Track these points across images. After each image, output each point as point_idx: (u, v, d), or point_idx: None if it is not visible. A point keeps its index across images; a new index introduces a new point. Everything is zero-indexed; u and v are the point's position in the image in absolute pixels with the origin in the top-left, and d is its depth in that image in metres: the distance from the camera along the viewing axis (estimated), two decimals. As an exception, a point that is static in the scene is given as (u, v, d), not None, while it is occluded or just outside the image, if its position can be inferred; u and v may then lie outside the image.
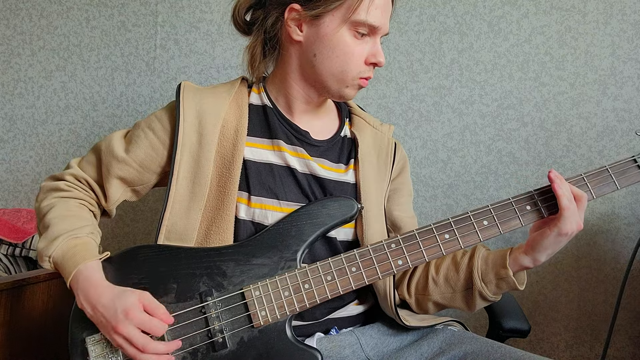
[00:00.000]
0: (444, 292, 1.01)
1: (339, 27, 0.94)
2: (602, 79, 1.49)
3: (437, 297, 1.01)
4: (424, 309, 1.05)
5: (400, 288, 1.07)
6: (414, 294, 1.05)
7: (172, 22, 1.69)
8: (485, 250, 0.99)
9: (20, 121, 1.78)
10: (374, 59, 0.97)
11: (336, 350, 0.97)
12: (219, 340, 0.86)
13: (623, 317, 1.49)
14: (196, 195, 0.96)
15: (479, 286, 0.96)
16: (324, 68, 0.96)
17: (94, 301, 0.84)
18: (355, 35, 0.95)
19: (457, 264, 1.00)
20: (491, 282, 0.95)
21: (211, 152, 0.97)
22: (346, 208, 0.94)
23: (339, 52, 0.95)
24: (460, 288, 0.99)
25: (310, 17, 0.95)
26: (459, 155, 1.58)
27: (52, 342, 1.19)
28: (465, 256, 1.00)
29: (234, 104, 1.02)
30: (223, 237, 0.94)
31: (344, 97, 1.01)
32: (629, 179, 0.94)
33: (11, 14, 1.77)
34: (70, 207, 0.97)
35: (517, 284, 0.94)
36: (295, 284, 0.89)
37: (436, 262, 1.03)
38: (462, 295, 0.99)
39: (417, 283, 1.04)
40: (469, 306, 1.00)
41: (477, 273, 0.96)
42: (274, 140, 1.00)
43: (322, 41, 0.95)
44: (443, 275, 1.00)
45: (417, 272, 1.05)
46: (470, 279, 0.97)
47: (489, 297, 0.96)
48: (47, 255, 0.89)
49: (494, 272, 0.95)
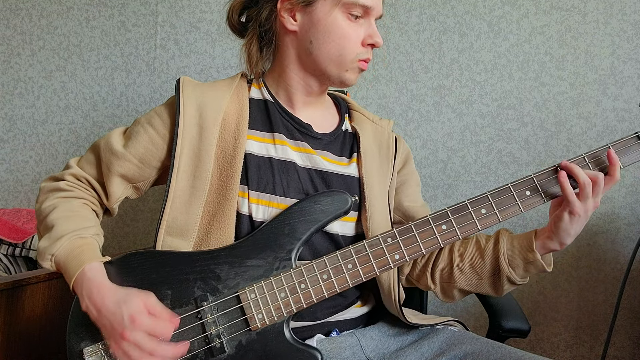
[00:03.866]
0: (470, 279, 1.00)
1: (332, 11, 0.94)
2: (602, 79, 1.49)
3: (463, 285, 1.01)
4: (450, 297, 1.05)
5: (424, 278, 1.06)
6: (439, 282, 1.04)
7: (172, 22, 1.69)
8: (509, 235, 0.99)
9: (20, 121, 1.78)
10: (371, 40, 0.97)
11: (336, 351, 0.96)
12: (217, 346, 0.85)
13: (623, 317, 1.49)
14: (197, 189, 0.95)
15: (507, 271, 0.95)
16: (321, 54, 0.96)
17: (99, 304, 0.83)
18: (349, 17, 0.95)
19: (482, 250, 0.99)
20: (519, 267, 0.95)
21: (212, 146, 0.96)
22: (339, 203, 0.92)
23: (335, 36, 0.95)
24: (487, 274, 0.99)
25: (302, 4, 0.95)
26: (459, 155, 1.58)
27: (52, 342, 1.18)
28: (490, 241, 0.99)
29: (235, 97, 1.01)
30: (225, 232, 0.93)
31: (345, 82, 1.00)
32: (632, 157, 0.90)
33: (11, 14, 1.77)
34: (74, 207, 0.95)
35: (545, 266, 0.94)
36: (291, 285, 0.88)
37: (460, 249, 1.02)
38: (489, 281, 0.99)
39: (441, 271, 1.04)
40: (497, 291, 1.00)
41: (504, 258, 0.96)
42: (275, 134, 1.00)
43: (316, 27, 0.95)
44: (468, 263, 1.00)
45: (440, 261, 1.04)
46: (497, 265, 0.97)
47: (517, 281, 0.96)
48: (50, 253, 0.88)
49: (521, 256, 0.95)
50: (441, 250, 1.05)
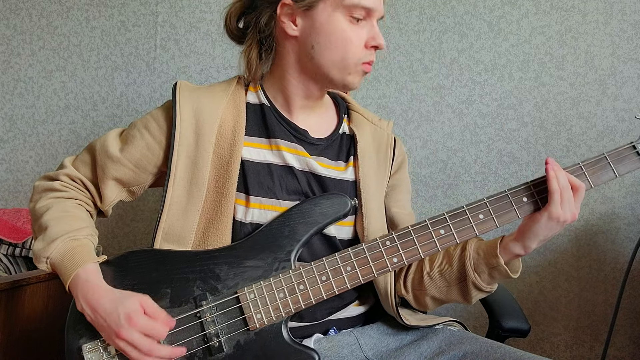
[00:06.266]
0: (440, 285, 0.99)
1: (334, 14, 0.93)
2: (602, 79, 1.49)
3: (433, 292, 1.00)
4: (423, 305, 1.04)
5: (397, 285, 1.06)
6: (411, 290, 1.04)
7: (172, 22, 1.69)
8: (478, 241, 0.98)
9: (20, 121, 1.78)
10: (374, 42, 0.96)
11: (334, 350, 0.96)
12: (215, 345, 0.86)
13: (623, 317, 1.49)
14: (193, 196, 0.95)
15: (472, 277, 0.94)
16: (324, 58, 0.95)
17: (95, 304, 0.83)
18: (351, 20, 0.93)
19: (450, 257, 0.98)
20: (484, 272, 0.94)
21: (208, 153, 0.96)
22: (339, 205, 0.93)
23: (337, 40, 0.93)
24: (455, 280, 0.98)
25: (303, 9, 0.94)
26: (459, 155, 1.58)
27: (52, 342, 1.19)
28: (458, 248, 0.98)
29: (231, 103, 1.01)
30: (221, 238, 0.93)
31: (348, 85, 0.99)
32: (627, 166, 0.91)
33: (11, 14, 1.78)
34: (67, 207, 0.95)
35: (509, 272, 0.92)
36: (290, 285, 0.88)
37: (430, 256, 1.02)
38: (457, 288, 0.98)
39: (412, 279, 1.03)
40: (466, 298, 0.99)
41: (469, 264, 0.95)
42: (272, 139, 0.99)
43: (318, 31, 0.94)
44: (437, 269, 0.99)
45: (412, 268, 1.04)
46: (463, 271, 0.96)
47: (483, 287, 0.95)
48: (44, 256, 0.88)
49: (485, 261, 0.94)
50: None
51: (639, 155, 0.91)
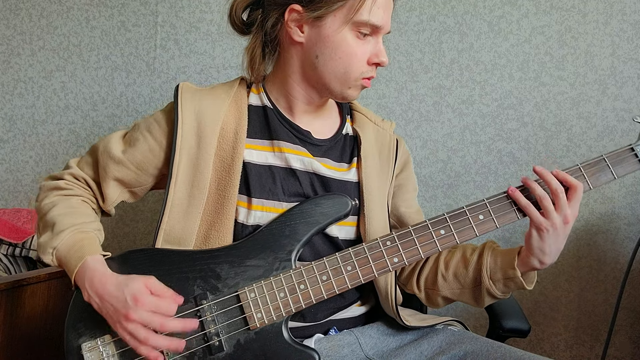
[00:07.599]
0: (453, 287, 1.01)
1: (341, 28, 0.93)
2: (602, 79, 1.49)
3: (446, 292, 1.02)
4: (434, 303, 1.05)
5: (410, 283, 1.07)
6: (424, 289, 1.05)
7: (172, 22, 1.69)
8: (495, 249, 0.99)
9: (20, 121, 1.78)
10: (377, 59, 0.96)
11: (335, 349, 0.96)
12: (216, 344, 0.86)
13: (623, 317, 1.49)
14: (195, 199, 0.95)
15: (487, 284, 0.95)
16: (326, 69, 0.95)
17: (101, 291, 0.83)
18: (358, 35, 0.94)
19: (466, 261, 0.99)
20: (499, 281, 0.95)
21: (210, 155, 0.96)
22: (340, 205, 0.93)
23: (342, 53, 0.94)
24: (469, 285, 0.99)
25: (311, 18, 0.93)
26: (459, 155, 1.58)
27: (52, 342, 1.19)
28: (475, 253, 0.99)
29: (233, 105, 1.01)
30: (222, 241, 0.93)
31: (346, 98, 1.00)
32: (626, 168, 0.92)
33: (11, 14, 1.78)
34: (73, 204, 0.96)
35: (524, 284, 0.93)
36: (291, 285, 0.88)
37: (445, 258, 1.03)
38: (470, 292, 0.99)
39: (426, 278, 1.05)
40: (477, 302, 1.00)
41: (485, 271, 0.96)
42: (274, 141, 1.00)
43: (324, 42, 0.94)
44: (452, 272, 1.00)
45: (426, 268, 1.05)
46: (478, 277, 0.97)
47: (497, 295, 0.96)
48: (51, 247, 0.88)
49: (502, 272, 0.95)
50: (428, 258, 1.05)
51: (637, 157, 0.92)
